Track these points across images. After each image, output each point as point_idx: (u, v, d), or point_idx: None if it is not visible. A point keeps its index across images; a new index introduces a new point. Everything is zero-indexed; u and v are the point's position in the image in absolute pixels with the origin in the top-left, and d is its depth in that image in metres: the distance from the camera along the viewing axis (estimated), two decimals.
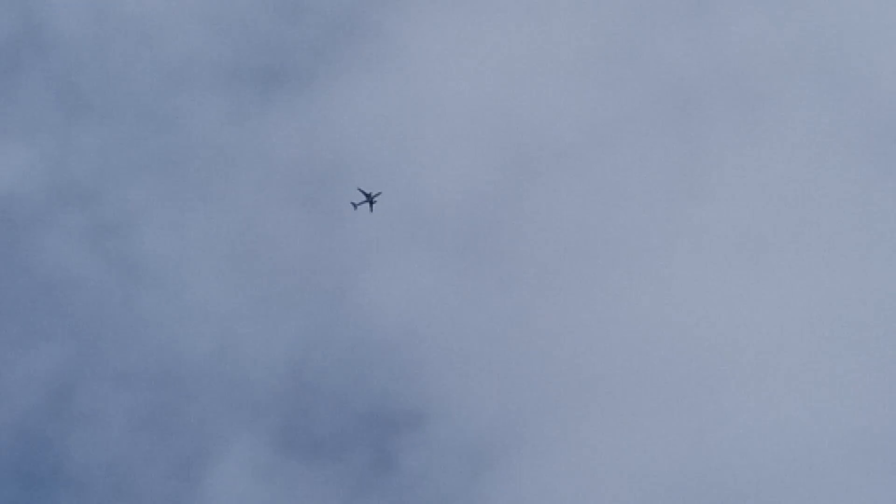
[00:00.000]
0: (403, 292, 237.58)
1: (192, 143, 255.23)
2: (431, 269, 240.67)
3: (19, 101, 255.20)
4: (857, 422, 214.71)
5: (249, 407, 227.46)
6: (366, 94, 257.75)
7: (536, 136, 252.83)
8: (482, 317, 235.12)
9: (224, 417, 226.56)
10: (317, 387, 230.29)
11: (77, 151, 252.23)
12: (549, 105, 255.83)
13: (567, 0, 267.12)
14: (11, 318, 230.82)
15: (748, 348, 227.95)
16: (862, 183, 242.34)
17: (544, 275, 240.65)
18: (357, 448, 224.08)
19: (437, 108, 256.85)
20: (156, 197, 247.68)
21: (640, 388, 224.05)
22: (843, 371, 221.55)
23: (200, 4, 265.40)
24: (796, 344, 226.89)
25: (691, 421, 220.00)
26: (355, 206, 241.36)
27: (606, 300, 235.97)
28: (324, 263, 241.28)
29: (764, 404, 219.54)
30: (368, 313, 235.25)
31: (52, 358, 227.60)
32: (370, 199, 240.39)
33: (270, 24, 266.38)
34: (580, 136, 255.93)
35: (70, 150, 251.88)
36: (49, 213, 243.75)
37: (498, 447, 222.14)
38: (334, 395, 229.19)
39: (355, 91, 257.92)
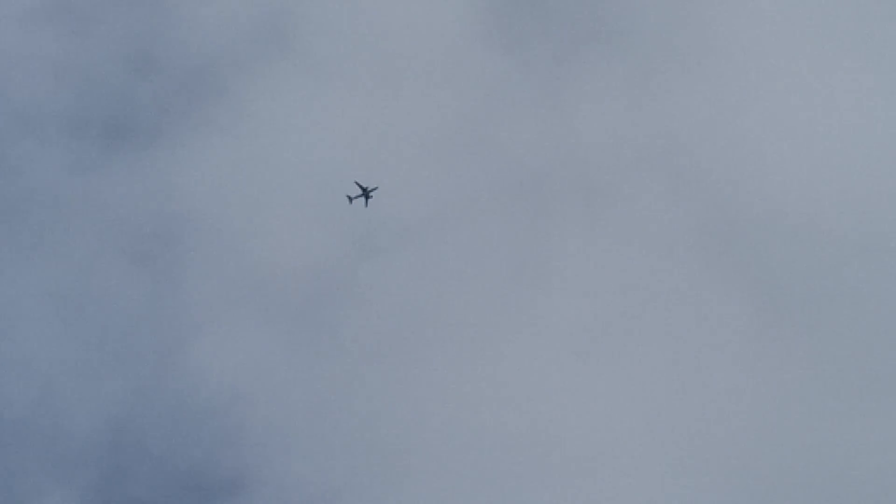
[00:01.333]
0: (233, 357, 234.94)
1: (29, 191, 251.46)
2: (263, 335, 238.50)
3: None
4: None
5: (65, 463, 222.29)
6: (211, 155, 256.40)
7: (381, 211, 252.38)
8: (310, 387, 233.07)
9: (38, 472, 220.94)
10: (136, 447, 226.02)
11: None
12: (396, 181, 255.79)
13: (422, 77, 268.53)
14: None
15: (574, 437, 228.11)
16: (697, 279, 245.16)
17: (377, 350, 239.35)
18: None
19: (282, 175, 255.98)
20: None
21: (463, 466, 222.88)
22: (673, 460, 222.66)
23: (48, 53, 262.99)
24: (626, 437, 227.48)
25: (513, 498, 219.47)
26: (351, 199, 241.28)
27: (436, 378, 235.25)
28: (155, 322, 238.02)
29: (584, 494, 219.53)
30: (196, 376, 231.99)
31: None
32: (366, 194, 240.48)
33: (120, 78, 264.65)
34: (426, 215, 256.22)
35: None
36: None
37: None
38: (153, 457, 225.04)
39: (200, 151, 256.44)
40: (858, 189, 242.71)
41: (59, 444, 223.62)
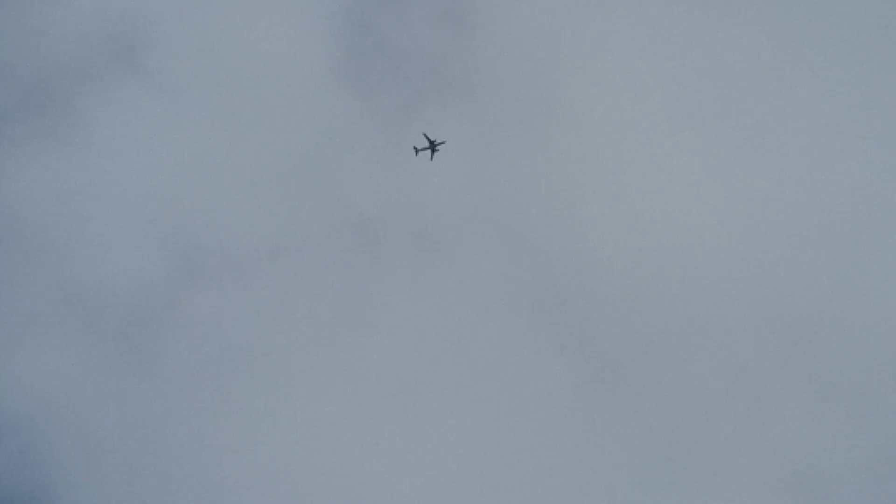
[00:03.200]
0: (41, 373, 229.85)
1: None
2: (77, 353, 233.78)
3: None
4: None
5: None
6: (45, 166, 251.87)
7: (210, 239, 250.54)
8: (120, 409, 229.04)
9: None
10: None
11: None
12: (229, 211, 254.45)
13: (268, 112, 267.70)
14: None
15: (379, 486, 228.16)
16: (521, 340, 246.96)
17: (193, 378, 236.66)
18: None
19: (114, 193, 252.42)
20: None
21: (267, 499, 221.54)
22: None
23: None
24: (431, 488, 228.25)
25: None
26: (417, 151, 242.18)
27: (249, 411, 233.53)
28: None
29: None
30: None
31: None
32: (433, 147, 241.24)
33: None
34: (256, 248, 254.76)
35: None
36: None
37: None
38: None
39: (35, 161, 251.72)
40: (688, 262, 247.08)
41: None
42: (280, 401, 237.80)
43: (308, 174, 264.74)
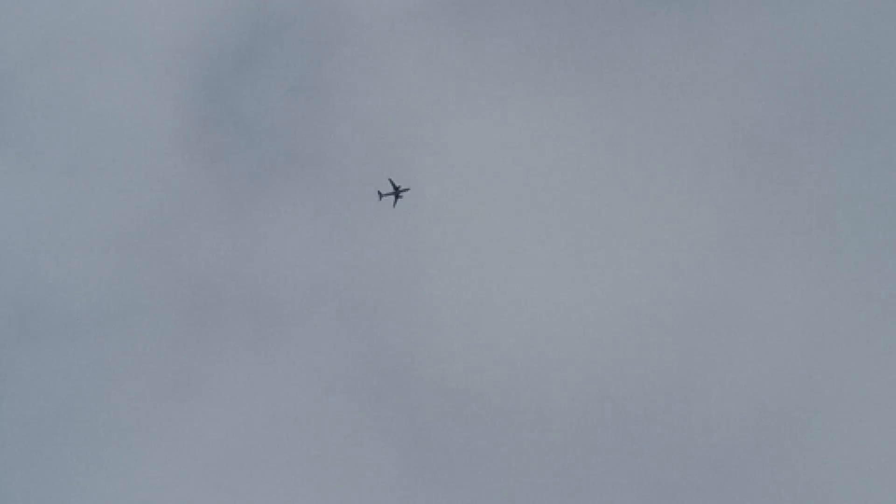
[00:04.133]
0: None
1: None
2: None
3: None
4: None
5: None
6: None
7: (43, 296, 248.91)
8: None
9: None
10: None
11: None
12: (65, 269, 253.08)
13: (115, 173, 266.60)
14: None
15: None
16: (351, 418, 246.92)
17: (21, 434, 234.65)
18: None
19: None
20: None
21: None
22: None
23: None
24: None
25: None
26: (381, 195, 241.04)
27: (73, 474, 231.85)
28: None
29: None
30: None
31: None
32: (397, 193, 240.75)
33: None
34: (89, 310, 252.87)
35: None
36: None
37: None
38: None
39: None
40: (524, 353, 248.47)
41: None
42: (105, 463, 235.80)
43: (150, 238, 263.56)
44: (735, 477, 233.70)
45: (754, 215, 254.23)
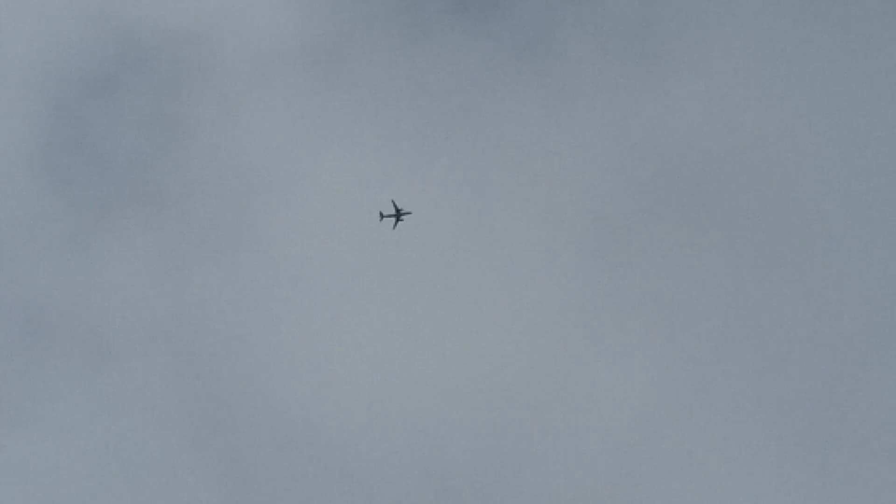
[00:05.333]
0: None
1: None
2: None
3: None
4: None
5: None
6: None
7: None
8: None
9: None
10: None
11: None
12: None
13: None
14: None
15: None
16: (178, 456, 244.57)
17: None
18: None
19: None
20: None
21: None
22: None
23: None
24: None
25: None
26: (382, 216, 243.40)
27: None
28: None
29: None
30: None
31: None
32: (399, 216, 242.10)
33: None
34: None
35: None
36: None
37: None
38: None
39: None
40: (349, 416, 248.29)
41: None
42: None
43: None
44: None
45: (595, 293, 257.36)
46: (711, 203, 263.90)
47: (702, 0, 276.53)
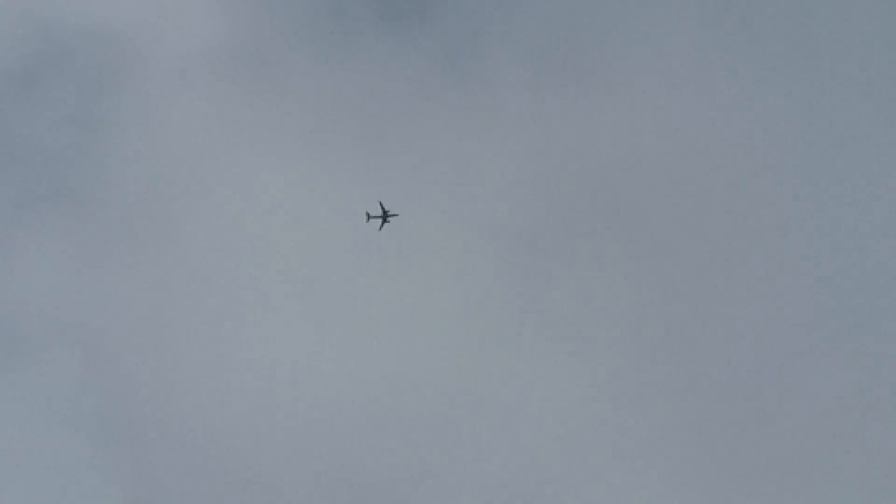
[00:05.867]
0: None
1: None
2: None
3: None
4: None
5: None
6: None
7: None
8: None
9: None
10: None
11: None
12: None
13: None
14: None
15: None
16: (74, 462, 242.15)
17: None
18: None
19: None
20: None
21: None
22: None
23: None
24: None
25: None
26: (369, 217, 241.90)
27: None
28: None
29: None
30: None
31: None
32: (385, 217, 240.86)
33: None
34: None
35: None
36: None
37: None
38: None
39: None
40: (257, 419, 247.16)
41: None
42: None
43: None
44: None
45: (513, 304, 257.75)
46: (630, 218, 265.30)
47: (627, 16, 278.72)
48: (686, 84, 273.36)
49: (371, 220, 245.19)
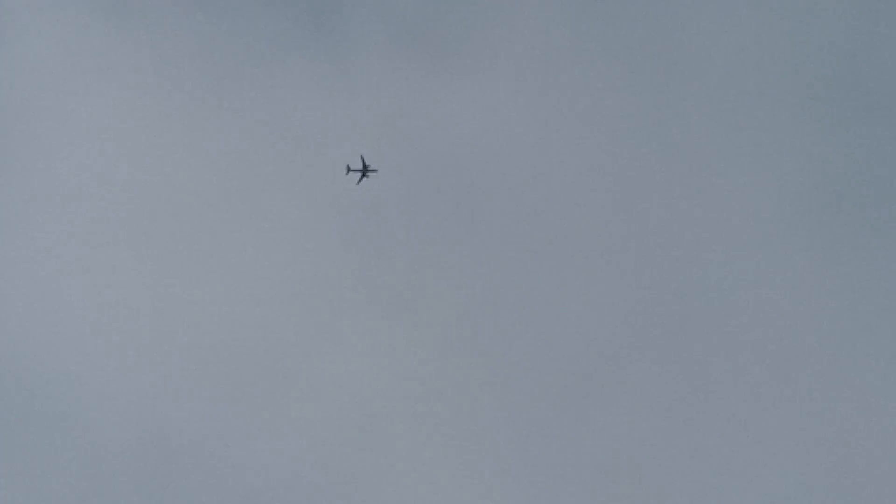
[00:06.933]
0: None
1: None
2: None
3: None
4: None
5: None
6: None
7: None
8: None
9: None
10: None
11: None
12: None
13: None
14: None
15: None
16: None
17: None
18: None
19: None
20: None
21: None
22: None
23: None
24: None
25: None
26: (349, 170, 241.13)
27: None
28: None
29: None
30: None
31: None
32: (365, 172, 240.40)
33: None
34: None
35: None
36: None
37: None
38: None
39: None
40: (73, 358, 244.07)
41: None
42: None
43: None
44: None
45: (345, 282, 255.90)
46: (476, 203, 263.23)
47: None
48: (549, 69, 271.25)
49: (350, 174, 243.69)
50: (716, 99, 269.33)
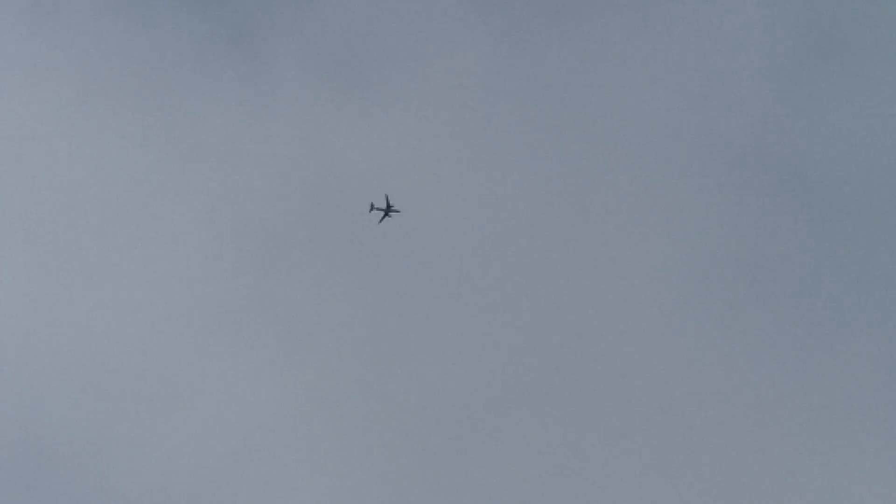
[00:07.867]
0: None
1: None
2: None
3: None
4: None
5: None
6: None
7: None
8: None
9: None
10: None
11: None
12: None
13: None
14: None
15: None
16: None
17: None
18: None
19: None
20: None
21: None
22: None
23: None
24: None
25: None
26: (372, 208, 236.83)
27: None
28: None
29: None
30: None
31: None
32: (388, 212, 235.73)
33: None
34: None
35: None
36: None
37: None
38: None
39: None
40: None
41: None
42: None
43: None
44: None
45: (237, 297, 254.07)
46: (377, 233, 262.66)
47: (419, 31, 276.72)
48: (466, 105, 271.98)
49: (373, 212, 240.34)
50: (624, 155, 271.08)
